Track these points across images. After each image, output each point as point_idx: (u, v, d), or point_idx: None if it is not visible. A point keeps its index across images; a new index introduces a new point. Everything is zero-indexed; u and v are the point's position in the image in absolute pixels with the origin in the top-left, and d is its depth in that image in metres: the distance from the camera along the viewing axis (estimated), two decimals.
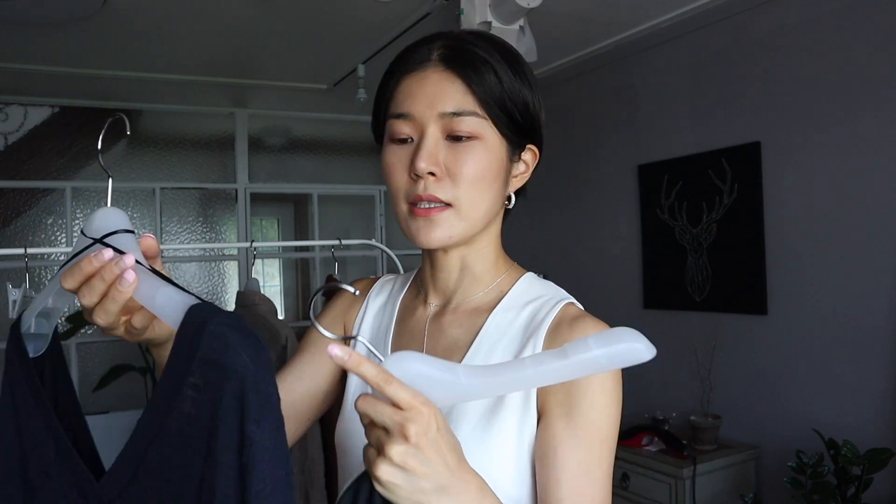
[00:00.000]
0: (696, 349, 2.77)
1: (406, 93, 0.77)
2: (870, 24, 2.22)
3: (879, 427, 2.19)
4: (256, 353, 0.53)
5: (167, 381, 0.56)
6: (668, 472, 2.41)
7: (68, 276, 0.60)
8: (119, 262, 0.58)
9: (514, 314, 0.81)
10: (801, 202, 2.43)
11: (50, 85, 3.35)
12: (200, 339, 0.53)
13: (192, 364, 0.54)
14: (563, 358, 0.55)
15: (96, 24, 2.55)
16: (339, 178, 4.33)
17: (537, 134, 0.83)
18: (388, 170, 0.78)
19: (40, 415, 0.66)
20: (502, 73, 0.76)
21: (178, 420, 0.55)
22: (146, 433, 0.56)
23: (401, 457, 0.54)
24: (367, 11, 2.52)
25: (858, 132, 2.26)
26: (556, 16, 2.58)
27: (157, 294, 0.59)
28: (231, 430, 0.52)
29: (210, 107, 3.93)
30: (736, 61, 2.65)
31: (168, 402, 0.55)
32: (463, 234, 0.77)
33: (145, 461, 0.56)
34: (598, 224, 3.34)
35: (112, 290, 0.58)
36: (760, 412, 2.57)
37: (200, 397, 0.54)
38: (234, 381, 0.52)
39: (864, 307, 2.24)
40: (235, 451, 0.52)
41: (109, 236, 0.61)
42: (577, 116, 3.43)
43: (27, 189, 3.53)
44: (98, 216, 0.64)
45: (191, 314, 0.55)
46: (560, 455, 0.72)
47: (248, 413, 0.51)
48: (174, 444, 0.55)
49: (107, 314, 0.60)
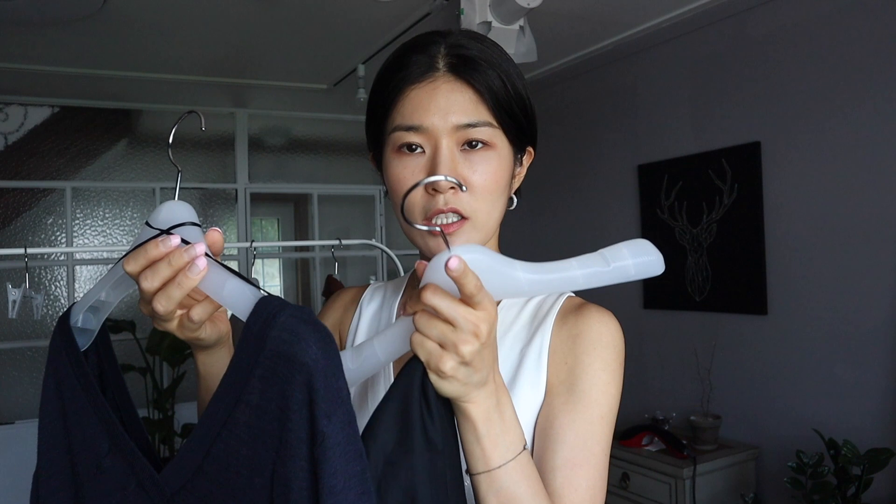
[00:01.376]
0: (696, 349, 2.77)
1: (415, 104, 0.75)
2: (870, 24, 2.22)
3: (879, 427, 2.19)
4: (326, 346, 0.53)
5: (235, 372, 0.55)
6: (668, 472, 2.41)
7: (131, 258, 0.59)
8: (189, 250, 0.58)
9: (518, 310, 0.82)
10: (801, 202, 2.43)
11: (50, 85, 3.35)
12: (270, 330, 0.53)
13: (261, 355, 0.53)
14: (604, 264, 0.60)
15: (96, 24, 2.56)
16: (339, 178, 4.33)
17: (534, 135, 0.84)
18: (401, 183, 0.76)
19: (91, 408, 0.65)
20: (506, 77, 0.76)
21: (246, 412, 0.54)
22: (213, 424, 0.56)
23: (471, 355, 0.57)
24: (367, 11, 2.52)
25: (858, 132, 2.26)
26: (556, 16, 2.58)
27: (225, 284, 0.59)
28: (302, 423, 0.52)
29: (210, 107, 3.93)
30: (736, 61, 2.65)
31: (236, 393, 0.55)
32: (480, 244, 0.76)
33: (212, 452, 0.56)
34: (598, 224, 3.34)
35: (180, 276, 0.58)
36: (760, 412, 2.57)
37: (270, 389, 0.53)
38: (304, 374, 0.51)
39: (864, 307, 2.24)
40: (307, 443, 0.52)
41: (176, 228, 0.61)
42: (577, 116, 3.43)
43: (27, 189, 3.54)
44: (165, 208, 0.64)
45: (260, 306, 0.55)
46: (558, 427, 0.73)
47: (319, 407, 0.51)
48: (242, 436, 0.54)
49: (169, 300, 0.59)
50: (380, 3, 2.38)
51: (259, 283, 2.88)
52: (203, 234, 0.63)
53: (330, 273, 3.44)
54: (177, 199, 0.65)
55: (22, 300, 2.11)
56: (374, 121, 0.81)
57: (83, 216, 3.67)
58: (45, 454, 0.69)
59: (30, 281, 2.15)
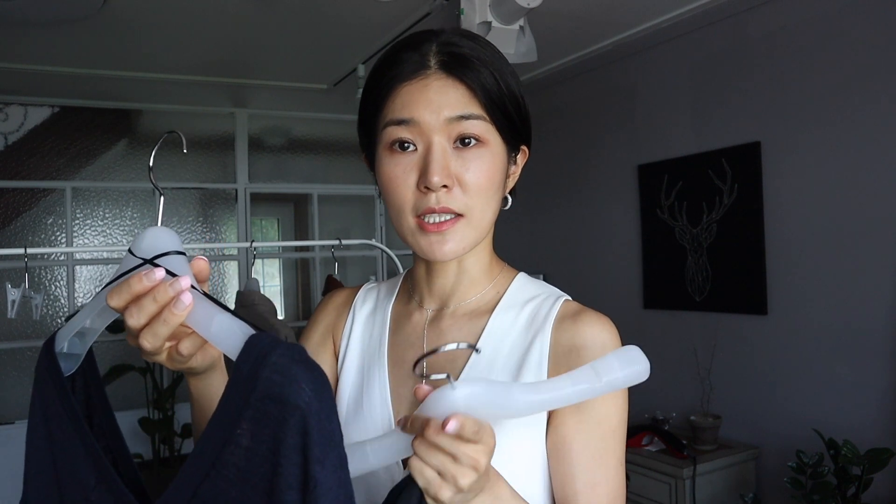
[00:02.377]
0: (696, 349, 2.77)
1: (406, 99, 0.74)
2: (869, 24, 2.22)
3: (879, 427, 2.19)
4: (320, 388, 0.51)
5: (225, 413, 0.53)
6: (668, 472, 2.41)
7: (115, 293, 0.57)
8: (174, 284, 0.56)
9: (515, 313, 0.81)
10: (801, 202, 2.43)
11: (50, 85, 3.35)
12: (261, 370, 0.51)
13: (252, 397, 0.52)
14: (595, 380, 0.61)
15: (96, 24, 2.56)
16: (339, 178, 4.33)
17: (528, 133, 0.83)
18: (392, 182, 0.75)
19: (77, 438, 0.62)
20: (498, 74, 0.76)
21: (236, 453, 0.53)
22: (200, 464, 0.54)
23: (470, 485, 0.58)
24: (367, 11, 2.52)
25: (858, 132, 2.26)
26: (556, 16, 2.58)
27: (212, 321, 0.57)
28: (294, 468, 0.50)
29: (210, 107, 3.93)
30: (736, 61, 2.65)
31: (226, 434, 0.53)
32: (474, 243, 0.77)
33: (199, 493, 0.54)
34: (598, 224, 3.34)
35: (165, 312, 0.56)
36: (760, 412, 2.57)
37: (261, 432, 0.52)
38: (297, 418, 0.50)
39: (864, 307, 2.24)
40: (299, 489, 0.50)
41: (160, 257, 0.59)
42: (577, 116, 3.43)
43: (27, 189, 3.54)
44: (148, 235, 0.61)
45: (250, 344, 0.53)
46: (573, 449, 0.74)
47: (312, 452, 0.50)
48: (231, 478, 0.53)
49: (155, 337, 0.57)
50: (380, 3, 2.38)
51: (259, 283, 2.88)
52: (188, 262, 0.61)
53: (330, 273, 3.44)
54: (160, 225, 0.63)
55: (21, 300, 2.11)
56: (366, 119, 0.81)
57: (83, 216, 3.67)
58: (33, 482, 0.67)
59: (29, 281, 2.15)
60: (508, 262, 0.89)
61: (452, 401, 0.57)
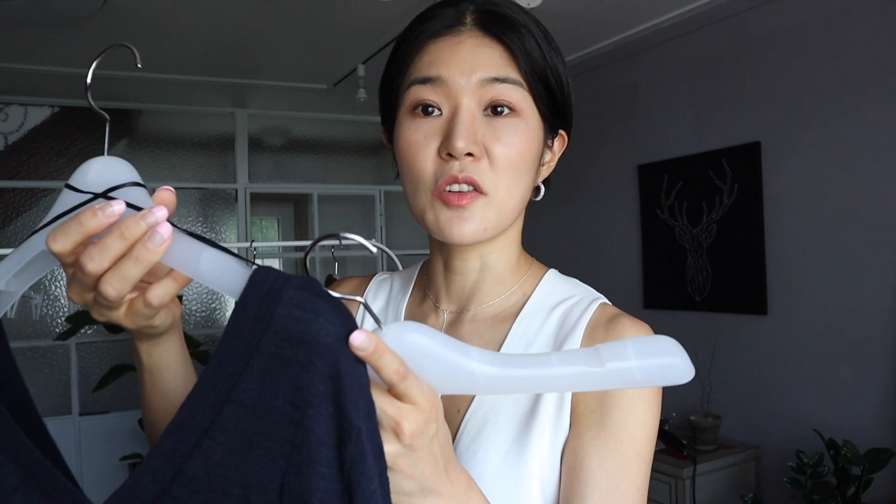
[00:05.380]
0: (696, 349, 2.77)
1: (435, 56, 0.65)
2: (869, 24, 2.22)
3: (879, 427, 2.19)
4: (348, 323, 0.44)
5: (221, 367, 0.44)
6: (668, 472, 2.41)
7: (59, 235, 0.46)
8: (146, 216, 0.46)
9: (542, 319, 0.71)
10: (801, 202, 2.43)
11: (50, 85, 3.35)
12: (276, 308, 0.43)
13: (263, 341, 0.43)
14: (596, 363, 0.46)
15: (96, 24, 2.55)
16: (339, 178, 4.33)
17: (569, 117, 0.74)
18: (411, 148, 0.65)
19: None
20: (543, 43, 0.67)
21: (237, 414, 0.43)
22: (186, 436, 0.44)
23: (391, 458, 0.46)
24: (367, 11, 2.52)
25: (858, 132, 2.26)
26: (556, 16, 2.57)
27: (200, 256, 0.47)
28: (325, 419, 0.42)
29: (210, 107, 3.93)
30: (736, 61, 2.65)
31: (223, 392, 0.44)
32: (496, 227, 0.67)
33: (184, 471, 0.44)
34: (598, 224, 3.34)
35: (138, 248, 0.45)
36: (760, 412, 2.56)
37: (275, 382, 0.43)
38: (327, 360, 0.42)
39: (864, 307, 2.24)
40: (334, 444, 0.42)
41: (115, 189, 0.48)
42: (577, 116, 3.40)
43: (27, 189, 3.53)
44: (95, 166, 0.49)
45: (257, 279, 0.44)
46: (587, 468, 0.62)
47: (347, 397, 0.42)
48: (231, 446, 0.43)
49: (123, 281, 0.46)
50: (380, 3, 2.38)
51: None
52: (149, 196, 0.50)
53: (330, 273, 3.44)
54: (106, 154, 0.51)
55: (21, 300, 2.11)
56: (389, 79, 0.70)
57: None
58: None
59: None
60: None
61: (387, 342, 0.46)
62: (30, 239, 0.49)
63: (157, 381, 0.60)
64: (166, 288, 0.49)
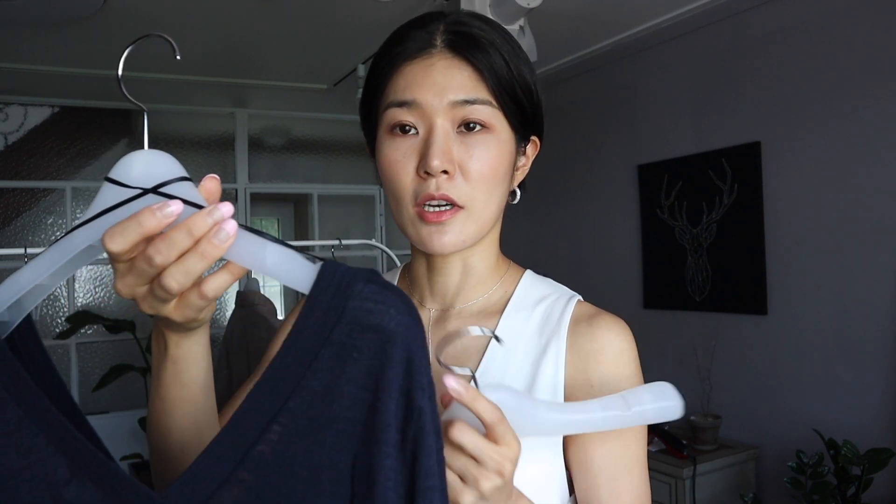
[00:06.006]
0: (696, 349, 2.77)
1: (409, 80, 0.70)
2: (870, 23, 2.22)
3: (879, 427, 2.19)
4: (414, 312, 0.48)
5: (290, 356, 0.46)
6: (668, 472, 2.41)
7: (117, 234, 0.47)
8: (212, 213, 0.47)
9: (527, 315, 0.77)
10: (801, 202, 2.43)
11: (50, 85, 3.35)
12: (348, 301, 0.46)
13: (335, 331, 0.46)
14: (625, 408, 0.62)
15: (96, 24, 2.55)
16: (339, 178, 4.33)
17: (540, 124, 0.79)
18: (391, 167, 0.70)
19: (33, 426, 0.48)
20: (509, 58, 0.71)
21: (306, 400, 0.46)
22: (255, 420, 0.46)
23: (491, 491, 0.56)
24: (367, 11, 2.52)
25: (858, 132, 2.26)
26: (556, 16, 2.57)
27: (265, 251, 0.48)
28: (392, 403, 0.46)
29: (210, 107, 3.92)
30: (736, 61, 2.65)
31: (292, 381, 0.46)
32: (474, 236, 0.72)
33: (250, 457, 0.46)
34: (598, 224, 3.34)
35: (203, 244, 0.47)
36: (760, 412, 2.57)
37: (347, 369, 0.46)
38: (399, 347, 0.46)
39: (864, 307, 2.24)
40: (398, 427, 0.46)
41: (164, 186, 0.49)
42: (577, 116, 3.43)
43: (27, 189, 3.53)
44: (139, 159, 0.50)
45: (326, 273, 0.47)
46: (596, 458, 0.72)
47: (416, 381, 0.46)
48: (300, 430, 0.46)
49: (187, 275, 0.48)
50: (380, 3, 2.38)
51: (259, 284, 2.87)
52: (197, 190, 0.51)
53: None
54: (147, 147, 0.50)
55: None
56: (368, 100, 0.76)
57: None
58: None
59: None
60: None
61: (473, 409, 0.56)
62: (71, 234, 0.49)
63: (181, 371, 0.61)
64: (222, 280, 0.50)
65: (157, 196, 0.48)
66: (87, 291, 3.65)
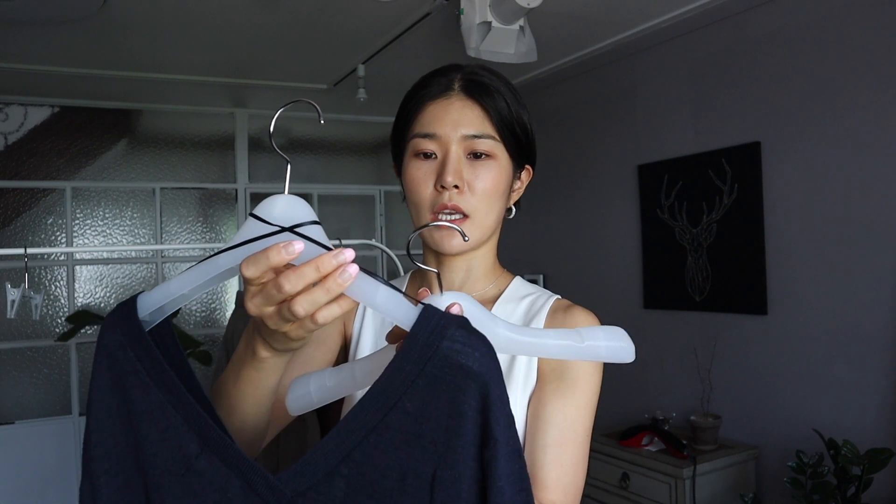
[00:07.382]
0: (696, 349, 2.77)
1: (432, 116, 0.90)
2: (870, 23, 2.22)
3: (879, 427, 2.19)
4: (494, 357, 0.57)
5: (393, 379, 0.57)
6: (668, 472, 2.41)
7: (251, 263, 0.58)
8: (338, 255, 0.57)
9: (514, 305, 0.95)
10: (801, 202, 2.43)
11: (50, 85, 3.35)
12: (442, 341, 0.56)
13: (429, 365, 0.56)
14: (578, 340, 0.65)
15: (96, 24, 2.55)
16: (339, 178, 4.33)
17: (534, 155, 0.97)
18: (415, 183, 0.90)
19: (171, 407, 0.60)
20: (511, 102, 0.91)
21: (402, 417, 0.56)
22: (358, 428, 0.57)
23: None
24: (367, 11, 2.52)
25: (859, 132, 2.26)
26: (556, 16, 2.57)
27: (377, 291, 0.59)
28: (474, 428, 0.55)
29: (210, 107, 3.92)
30: (736, 61, 2.65)
31: (392, 399, 0.57)
32: (478, 239, 0.91)
33: (352, 456, 0.57)
34: (598, 224, 3.34)
35: (329, 281, 0.57)
36: (760, 412, 2.57)
37: (436, 397, 0.56)
38: (479, 383, 0.55)
39: (864, 307, 2.24)
40: (478, 446, 0.55)
41: (298, 228, 0.59)
42: (577, 116, 3.43)
43: (27, 189, 3.53)
44: (281, 202, 0.60)
45: (427, 315, 0.57)
46: (550, 410, 0.84)
47: (492, 413, 0.55)
48: (395, 440, 0.57)
49: (312, 304, 0.58)
50: (380, 3, 2.38)
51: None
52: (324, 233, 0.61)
53: None
54: (287, 193, 0.60)
55: (21, 300, 2.11)
56: (398, 130, 0.95)
57: (83, 216, 3.67)
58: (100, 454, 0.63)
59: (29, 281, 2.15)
60: (509, 262, 1.04)
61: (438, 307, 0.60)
62: (216, 257, 0.61)
63: (262, 378, 0.72)
64: (333, 311, 0.60)
65: (292, 234, 0.58)
66: (87, 291, 3.65)
